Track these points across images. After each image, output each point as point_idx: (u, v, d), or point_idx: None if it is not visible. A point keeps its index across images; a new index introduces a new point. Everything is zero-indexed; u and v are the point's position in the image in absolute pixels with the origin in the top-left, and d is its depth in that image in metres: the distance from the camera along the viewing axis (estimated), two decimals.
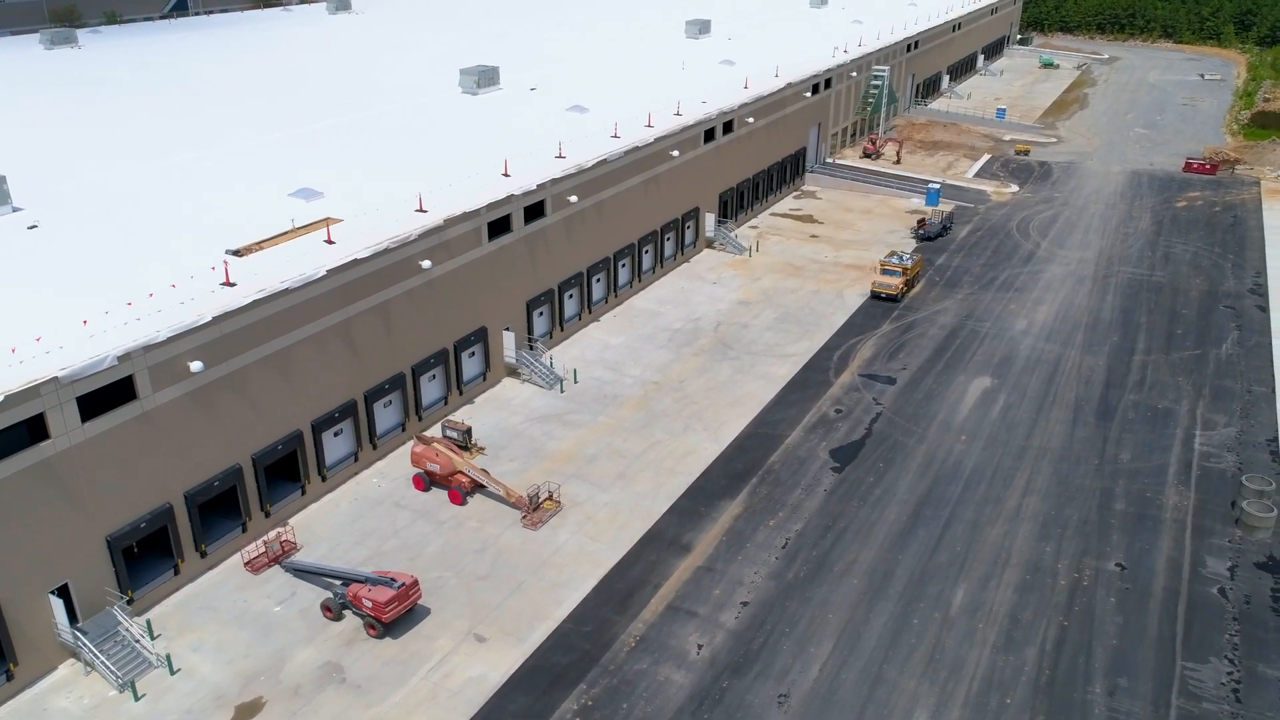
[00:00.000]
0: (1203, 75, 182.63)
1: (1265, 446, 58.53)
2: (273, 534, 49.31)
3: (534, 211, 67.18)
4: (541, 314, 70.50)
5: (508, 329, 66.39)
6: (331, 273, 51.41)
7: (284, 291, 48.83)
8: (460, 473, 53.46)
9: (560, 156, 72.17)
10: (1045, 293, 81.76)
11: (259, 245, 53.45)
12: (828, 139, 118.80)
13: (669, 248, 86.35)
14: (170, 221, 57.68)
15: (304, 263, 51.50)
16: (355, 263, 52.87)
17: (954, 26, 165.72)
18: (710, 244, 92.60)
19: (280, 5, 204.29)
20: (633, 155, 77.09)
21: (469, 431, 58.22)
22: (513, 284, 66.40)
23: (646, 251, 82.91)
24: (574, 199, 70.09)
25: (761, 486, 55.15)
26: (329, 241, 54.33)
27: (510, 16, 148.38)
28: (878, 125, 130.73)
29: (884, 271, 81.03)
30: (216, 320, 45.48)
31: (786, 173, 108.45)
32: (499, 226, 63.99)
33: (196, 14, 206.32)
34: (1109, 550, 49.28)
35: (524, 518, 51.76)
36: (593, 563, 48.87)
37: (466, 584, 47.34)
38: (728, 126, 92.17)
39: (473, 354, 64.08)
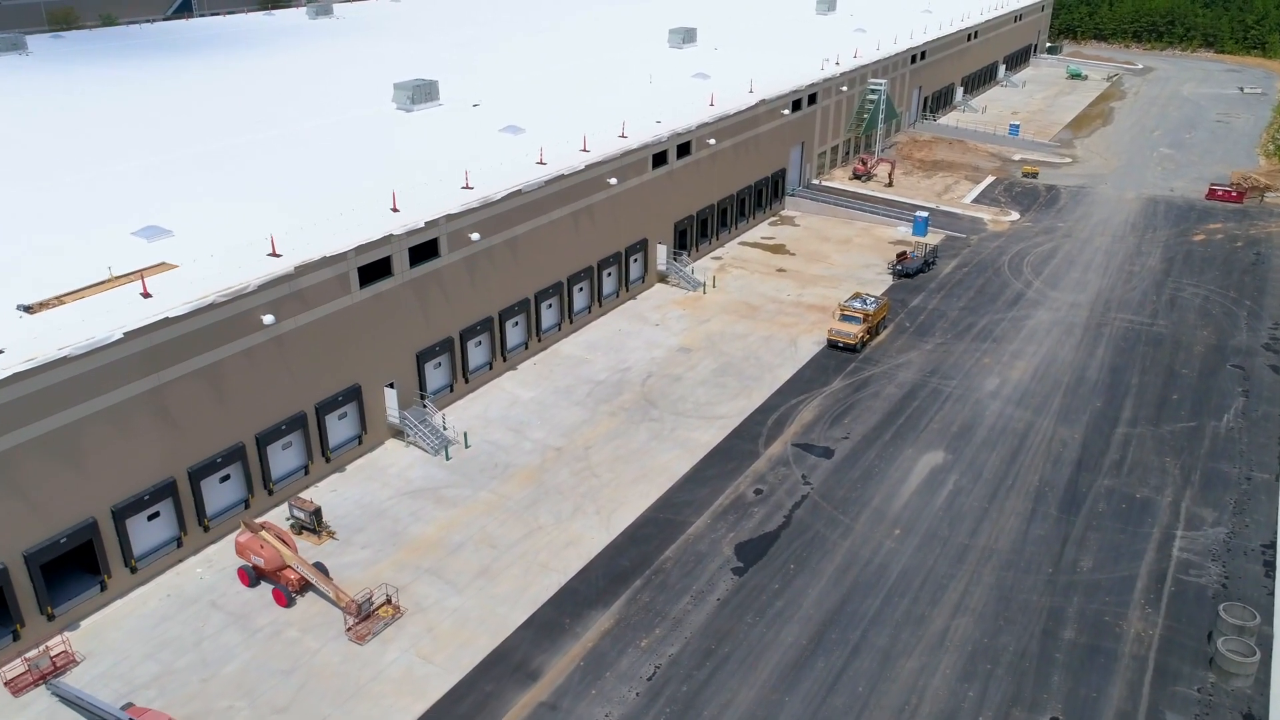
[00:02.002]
0: (1242, 89, 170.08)
1: (1258, 554, 48.81)
2: (40, 648, 41.81)
3: (425, 251, 59.25)
4: (439, 366, 62.51)
5: (391, 385, 58.54)
6: (132, 335, 43.85)
7: (61, 360, 41.34)
8: (289, 568, 45.72)
9: (467, 187, 64.23)
10: (1026, 344, 72.12)
11: (58, 300, 46.03)
12: (813, 159, 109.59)
13: (609, 285, 77.95)
14: None
15: (110, 320, 44.11)
16: (166, 322, 45.30)
17: (969, 35, 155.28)
18: (663, 278, 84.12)
19: (289, 6, 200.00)
20: (558, 184, 68.85)
21: (318, 512, 50.50)
22: (396, 335, 58.52)
23: (580, 290, 74.61)
24: (476, 236, 61.99)
25: (644, 592, 46.62)
26: (145, 294, 46.82)
27: (488, 22, 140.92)
28: (874, 143, 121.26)
29: (842, 317, 71.95)
30: None
31: (762, 197, 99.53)
32: (375, 271, 56.14)
33: (201, 15, 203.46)
34: (1045, 698, 40.10)
35: (349, 628, 43.78)
36: (416, 692, 40.75)
37: (259, 718, 39.45)
38: (684, 149, 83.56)
39: (343, 416, 56.27)
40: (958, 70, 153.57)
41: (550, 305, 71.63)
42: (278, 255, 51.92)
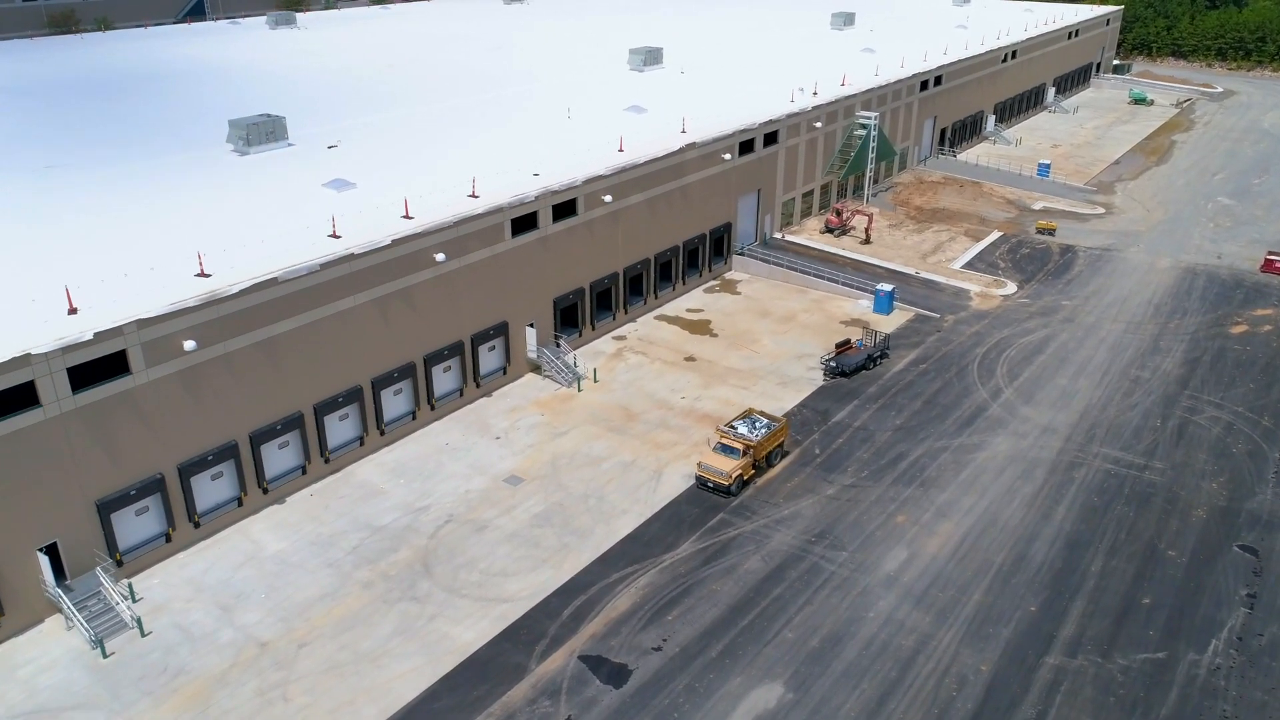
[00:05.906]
0: None
1: None
2: None
3: (103, 369, 44.52)
4: (143, 512, 47.67)
5: (47, 549, 44.01)
6: None
7: None
8: None
9: (202, 274, 49.45)
10: (963, 493, 54.01)
11: None
12: (774, 209, 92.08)
13: (448, 382, 62.30)
14: None
15: None
16: None
17: (1006, 55, 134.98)
18: (537, 368, 68.12)
19: (310, 9, 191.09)
20: (347, 266, 53.63)
21: None
22: (57, 481, 43.86)
23: (396, 393, 59.20)
24: (191, 345, 47.02)
25: None
26: None
27: (450, 39, 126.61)
28: (864, 187, 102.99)
29: (719, 447, 54.96)
30: None
31: (696, 258, 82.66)
32: (10, 401, 41.65)
33: (215, 19, 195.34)
34: None
35: None
36: None
37: None
38: (566, 208, 67.46)
39: None
40: (989, 96, 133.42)
41: (345, 417, 56.40)
42: None
